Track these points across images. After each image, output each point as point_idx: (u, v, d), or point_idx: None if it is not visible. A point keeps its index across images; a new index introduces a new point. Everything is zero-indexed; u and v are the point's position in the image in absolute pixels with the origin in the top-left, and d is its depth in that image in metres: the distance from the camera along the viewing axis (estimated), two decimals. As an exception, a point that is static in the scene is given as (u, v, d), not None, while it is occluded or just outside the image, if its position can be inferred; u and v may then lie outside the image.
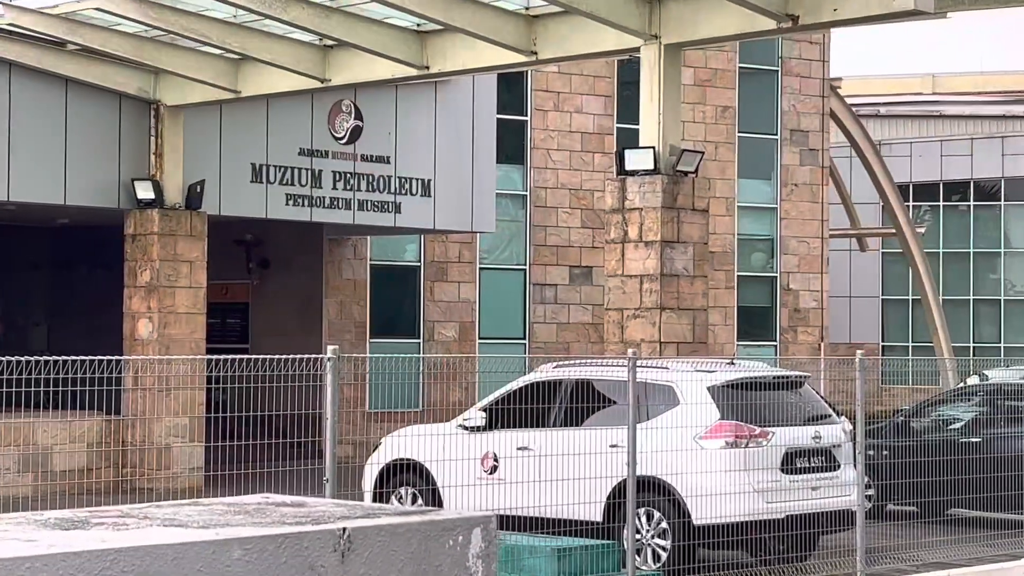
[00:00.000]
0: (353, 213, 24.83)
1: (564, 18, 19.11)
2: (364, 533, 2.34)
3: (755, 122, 31.70)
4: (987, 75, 47.14)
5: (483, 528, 2.43)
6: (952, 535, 17.29)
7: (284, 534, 2.21)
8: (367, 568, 2.48)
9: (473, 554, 2.40)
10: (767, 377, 16.73)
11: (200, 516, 2.52)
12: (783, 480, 15.25)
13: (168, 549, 2.18)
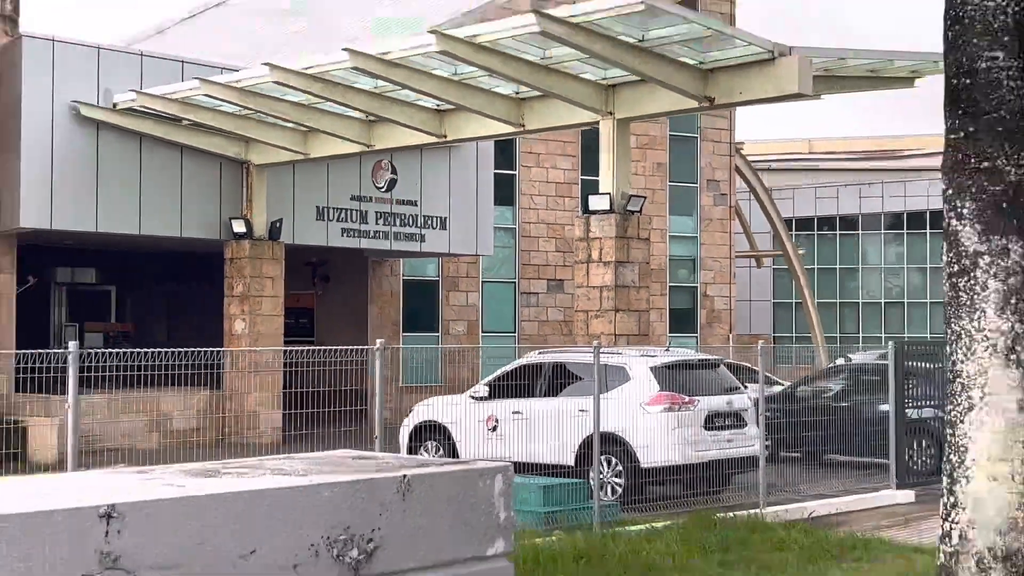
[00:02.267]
0: (390, 242, 25.59)
1: (545, 100, 19.76)
2: (419, 479, 2.25)
3: (681, 174, 32.30)
4: (848, 139, 48.64)
5: (503, 474, 2.45)
6: (828, 474, 17.44)
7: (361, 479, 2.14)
8: (421, 504, 2.33)
9: (496, 493, 2.39)
10: (693, 360, 17.49)
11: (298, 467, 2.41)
12: (705, 435, 15.46)
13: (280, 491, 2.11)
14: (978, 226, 5.34)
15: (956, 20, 5.44)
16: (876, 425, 17.32)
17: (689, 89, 17.99)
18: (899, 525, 13.73)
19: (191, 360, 20.01)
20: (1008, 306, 5.28)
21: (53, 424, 17.64)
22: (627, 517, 13.32)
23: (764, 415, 15.49)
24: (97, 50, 22.61)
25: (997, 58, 5.33)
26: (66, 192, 21.78)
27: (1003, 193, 5.30)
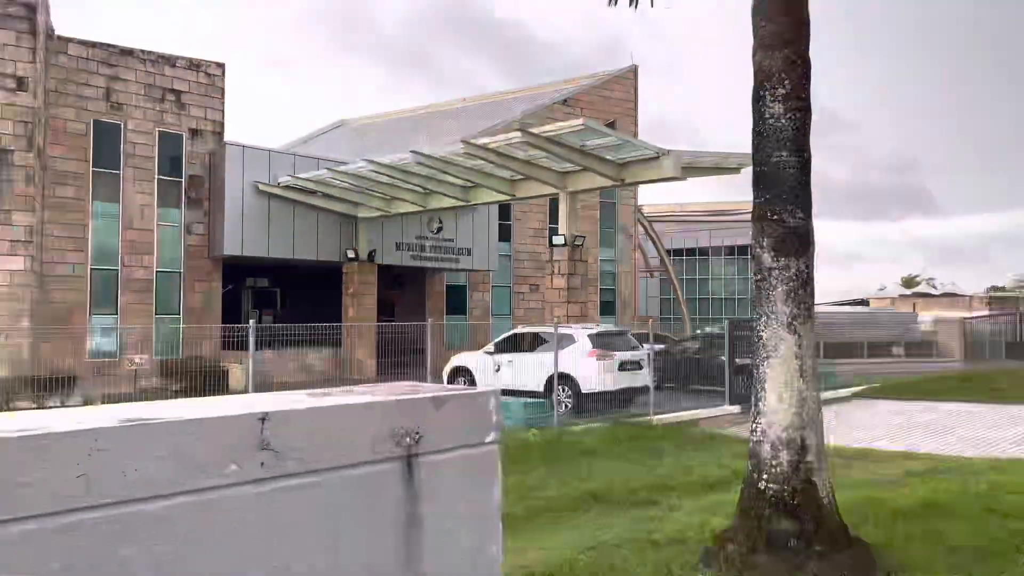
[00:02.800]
0: (438, 263, 25.73)
1: (527, 180, 19.36)
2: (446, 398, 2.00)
3: (606, 224, 32.69)
4: (704, 203, 48.84)
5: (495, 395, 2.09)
6: (691, 396, 17.29)
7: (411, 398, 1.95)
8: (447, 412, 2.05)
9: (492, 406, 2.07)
10: (612, 330, 17.13)
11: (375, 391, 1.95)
12: (619, 373, 15.15)
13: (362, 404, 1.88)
14: (772, 252, 5.39)
15: (759, 133, 5.49)
16: (718, 368, 16.92)
17: (610, 174, 17.93)
18: (731, 426, 13.54)
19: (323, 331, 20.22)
20: (789, 299, 5.33)
21: (243, 368, 17.97)
22: (574, 421, 13.22)
23: (653, 362, 15.46)
24: (268, 152, 22.94)
25: (783, 155, 5.38)
26: (250, 233, 21.75)
27: (785, 233, 5.36)
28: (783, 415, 5.22)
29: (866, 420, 14.11)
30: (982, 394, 17.52)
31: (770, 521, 5.07)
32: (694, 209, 47.89)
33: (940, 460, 9.41)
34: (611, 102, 32.35)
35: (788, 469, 5.15)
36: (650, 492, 7.69)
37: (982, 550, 5.53)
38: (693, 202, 49.15)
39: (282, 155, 23.51)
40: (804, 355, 5.28)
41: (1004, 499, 6.85)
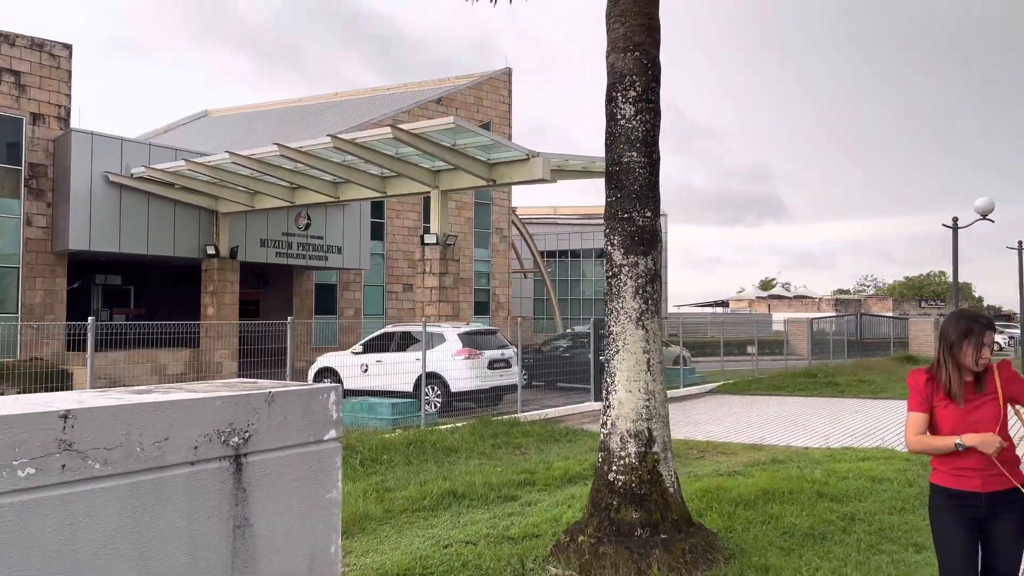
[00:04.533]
0: (306, 260, 24.94)
1: (398, 178, 19.04)
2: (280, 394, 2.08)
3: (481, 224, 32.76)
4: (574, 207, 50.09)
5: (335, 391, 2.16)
6: (559, 394, 17.48)
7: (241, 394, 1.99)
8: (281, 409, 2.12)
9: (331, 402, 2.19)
10: (481, 329, 16.73)
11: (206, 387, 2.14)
12: (488, 372, 15.10)
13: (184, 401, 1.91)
14: (621, 250, 5.54)
15: (611, 134, 5.63)
16: (584, 365, 17.18)
17: (481, 174, 17.84)
18: (594, 422, 13.77)
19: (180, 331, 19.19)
20: (638, 295, 5.49)
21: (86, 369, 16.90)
22: (442, 421, 13.02)
23: (521, 360, 15.55)
24: (121, 141, 21.65)
25: (633, 156, 5.53)
26: (99, 226, 20.39)
27: (634, 232, 5.52)
28: (631, 408, 5.38)
29: (721, 414, 14.82)
30: (824, 389, 18.83)
31: (618, 511, 5.21)
32: (567, 212, 48.96)
33: (783, 451, 9.98)
34: (486, 103, 32.54)
35: (636, 460, 5.30)
36: (511, 488, 7.75)
37: (813, 532, 5.90)
38: (567, 205, 50.26)
39: (136, 144, 22.19)
40: (651, 349, 5.46)
41: (836, 485, 7.35)
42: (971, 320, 3.24)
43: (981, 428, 3.13)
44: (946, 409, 3.22)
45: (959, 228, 18.60)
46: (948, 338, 3.23)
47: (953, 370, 3.23)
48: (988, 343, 3.20)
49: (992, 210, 18.12)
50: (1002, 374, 3.22)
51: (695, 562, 4.99)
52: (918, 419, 3.27)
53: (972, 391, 3.21)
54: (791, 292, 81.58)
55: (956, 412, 3.19)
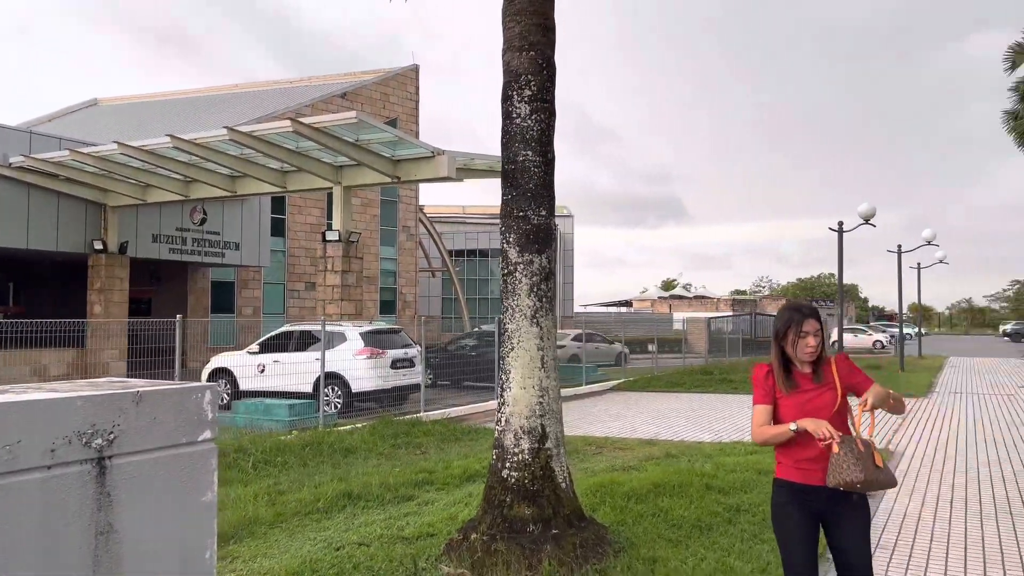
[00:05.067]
0: (202, 257, 24.02)
1: (299, 173, 18.68)
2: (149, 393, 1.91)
3: (388, 222, 32.49)
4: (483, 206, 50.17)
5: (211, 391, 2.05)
6: (464, 393, 17.57)
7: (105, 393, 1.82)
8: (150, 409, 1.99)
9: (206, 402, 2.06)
10: (384, 328, 16.44)
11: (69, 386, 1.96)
12: (391, 371, 14.79)
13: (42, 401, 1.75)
14: (517, 248, 5.57)
15: (507, 133, 5.65)
16: (491, 364, 17.16)
17: (385, 171, 17.55)
18: (498, 421, 14.01)
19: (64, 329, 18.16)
20: (533, 292, 5.54)
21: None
22: (342, 421, 12.78)
23: (425, 360, 15.45)
24: (0, 128, 20.33)
25: (528, 155, 5.58)
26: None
27: (530, 230, 5.56)
28: (525, 404, 5.42)
29: (621, 411, 15.13)
30: (719, 386, 19.51)
31: (511, 508, 5.24)
32: (476, 211, 48.96)
33: (677, 446, 10.28)
34: (392, 99, 32.20)
35: (529, 457, 5.35)
36: (408, 488, 7.68)
37: (701, 524, 6.10)
38: (476, 204, 50.29)
39: (16, 132, 20.85)
40: (546, 346, 5.52)
41: (724, 478, 7.62)
42: (793, 310, 3.26)
43: (818, 417, 3.12)
44: (786, 400, 3.22)
45: (844, 232, 19.62)
46: (776, 330, 3.26)
47: (779, 361, 3.24)
48: (810, 330, 3.19)
49: (873, 215, 19.20)
50: (839, 365, 3.24)
51: (586, 556, 5.07)
52: (761, 411, 3.26)
53: (810, 382, 3.22)
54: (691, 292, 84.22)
55: (795, 403, 3.20)
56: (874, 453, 3.11)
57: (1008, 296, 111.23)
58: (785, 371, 3.26)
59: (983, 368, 27.35)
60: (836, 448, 3.07)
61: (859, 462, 3.03)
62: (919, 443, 10.48)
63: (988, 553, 5.69)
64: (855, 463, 3.02)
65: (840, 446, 3.06)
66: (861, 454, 3.05)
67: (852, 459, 3.03)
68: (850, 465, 3.03)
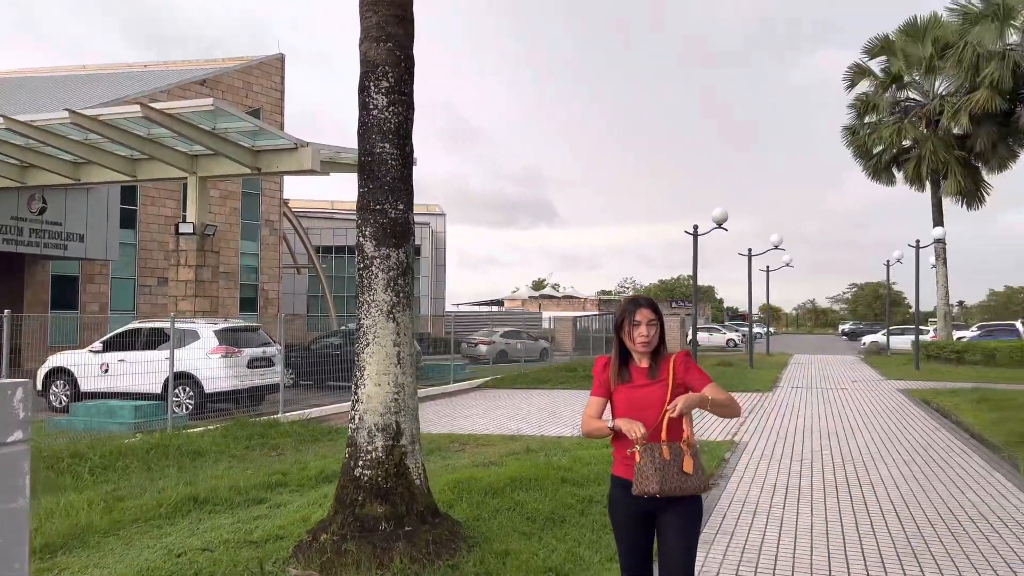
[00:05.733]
0: (41, 249, 22.30)
1: (151, 161, 17.79)
2: None
3: (249, 215, 31.33)
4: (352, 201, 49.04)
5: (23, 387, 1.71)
6: (328, 393, 17.24)
7: None
8: None
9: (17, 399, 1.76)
10: (240, 326, 15.77)
11: None
12: (248, 371, 14.37)
13: None
14: (373, 241, 5.49)
15: (364, 124, 5.56)
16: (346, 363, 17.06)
17: (244, 162, 16.95)
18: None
19: None
20: (389, 287, 5.47)
21: None
22: (193, 423, 12.18)
23: (285, 359, 14.97)
24: None
25: (386, 148, 5.51)
26: None
27: (387, 224, 5.49)
28: (380, 401, 5.35)
29: (487, 408, 15.24)
30: (583, 382, 20.02)
31: (363, 507, 5.16)
32: (345, 207, 47.92)
33: (538, 441, 10.46)
34: (255, 88, 31.03)
35: (383, 454, 5.28)
36: (260, 491, 7.41)
37: (554, 516, 6.23)
38: (345, 199, 49.30)
39: None
40: (402, 343, 5.47)
41: (579, 471, 7.82)
42: (628, 301, 3.24)
43: (647, 413, 3.05)
44: (617, 393, 3.17)
45: (699, 235, 20.63)
46: (615, 321, 3.27)
47: (617, 353, 3.21)
48: (642, 320, 3.14)
49: (726, 220, 20.28)
50: (677, 362, 3.16)
51: (438, 552, 5.06)
52: (592, 403, 3.22)
53: (645, 376, 3.15)
54: (560, 292, 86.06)
55: (627, 397, 3.14)
56: (684, 459, 3.01)
57: (847, 298, 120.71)
58: (622, 363, 3.21)
59: (823, 364, 29.43)
60: (638, 457, 2.99)
61: (657, 471, 2.94)
62: (761, 434, 11.15)
63: (815, 535, 6.12)
64: (653, 472, 2.95)
65: (642, 454, 2.98)
66: (664, 462, 2.97)
67: (651, 468, 2.95)
68: (648, 475, 2.96)
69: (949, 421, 12.96)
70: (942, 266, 32.55)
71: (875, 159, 33.91)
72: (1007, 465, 9.07)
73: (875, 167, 34.05)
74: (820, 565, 5.35)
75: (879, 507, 7.02)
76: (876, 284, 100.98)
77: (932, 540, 5.98)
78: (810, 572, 5.20)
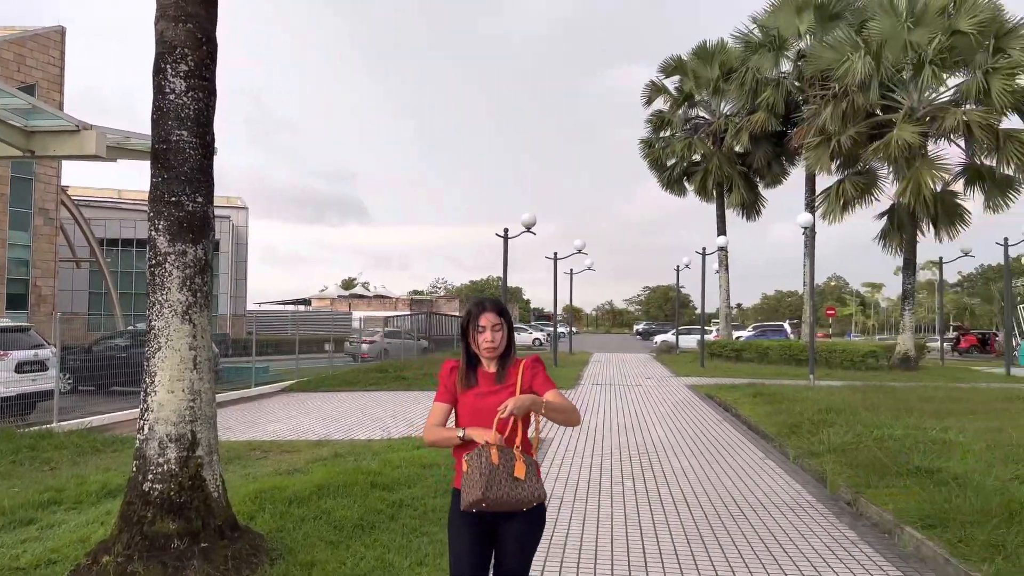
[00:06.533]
0: None
1: None
2: None
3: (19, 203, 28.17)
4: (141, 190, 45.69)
5: None
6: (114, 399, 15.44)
7: None
8: None
9: None
10: (9, 325, 14.33)
11: None
12: (16, 377, 12.97)
13: None
14: (168, 236, 5.08)
15: (159, 109, 5.13)
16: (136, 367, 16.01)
17: (15, 143, 15.12)
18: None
19: None
20: (185, 286, 5.10)
21: None
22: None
23: (65, 362, 13.87)
24: None
25: (183, 135, 5.12)
26: None
27: (183, 217, 5.10)
28: (173, 410, 4.96)
29: (292, 412, 14.67)
30: (393, 383, 19.85)
31: (153, 524, 4.76)
32: (133, 197, 44.18)
33: (346, 445, 10.20)
34: (30, 62, 27.91)
35: (176, 467, 4.90)
36: (29, 511, 6.64)
37: (363, 522, 6.08)
38: (134, 189, 45.36)
39: None
40: (199, 346, 5.10)
41: (389, 474, 7.71)
42: (473, 304, 3.14)
43: (491, 421, 2.91)
44: (462, 399, 3.06)
45: (509, 238, 21.12)
46: (461, 325, 3.19)
47: (464, 357, 3.12)
48: (487, 324, 3.06)
49: (534, 223, 20.92)
50: (526, 367, 3.08)
51: (238, 568, 4.77)
52: (437, 410, 3.11)
53: (492, 382, 3.06)
54: (371, 292, 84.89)
55: (472, 403, 3.03)
56: (516, 464, 2.86)
57: (641, 300, 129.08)
58: (469, 368, 3.11)
59: (620, 362, 31.22)
60: (465, 466, 2.86)
61: (483, 477, 2.78)
62: (565, 431, 11.59)
63: (615, 526, 6.44)
64: (479, 479, 2.79)
65: (468, 462, 2.85)
66: (492, 467, 2.80)
67: (477, 474, 2.80)
68: (474, 481, 2.80)
69: (731, 414, 14.18)
70: (724, 271, 35.63)
71: (668, 171, 36.48)
72: (778, 454, 10.06)
73: (668, 179, 36.63)
74: (620, 556, 5.63)
75: (671, 497, 7.52)
76: (667, 287, 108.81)
77: (717, 526, 6.48)
78: (611, 562, 5.46)
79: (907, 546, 5.83)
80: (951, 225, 25.65)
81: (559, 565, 5.37)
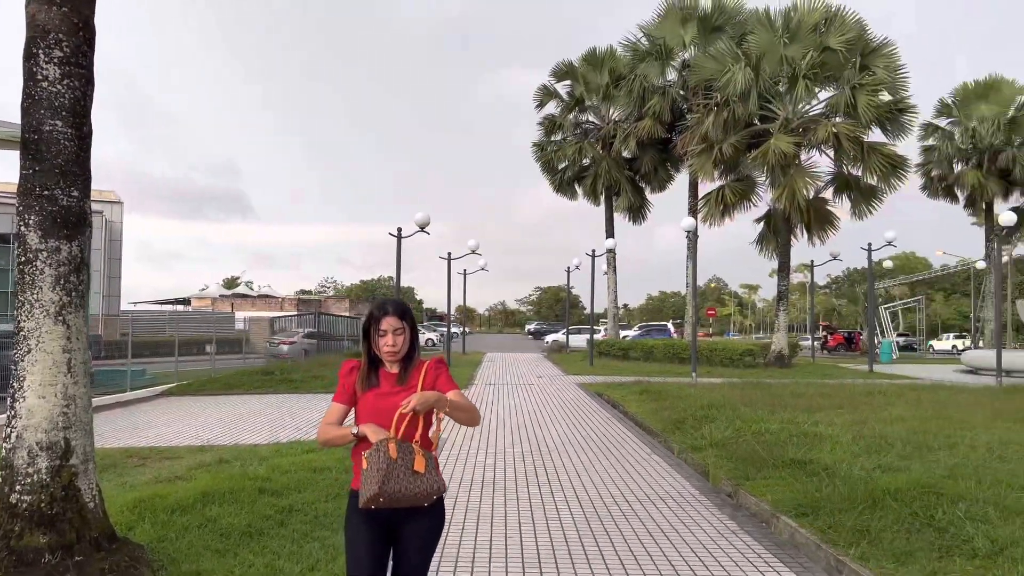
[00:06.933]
0: None
1: None
2: None
3: None
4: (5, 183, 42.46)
5: None
6: None
7: None
8: None
9: None
10: None
11: None
12: None
13: None
14: (40, 232, 4.79)
15: (30, 97, 4.82)
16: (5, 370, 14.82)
17: None
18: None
19: None
20: (59, 285, 4.82)
21: None
22: None
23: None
24: None
25: (57, 125, 4.83)
26: None
27: (57, 212, 4.82)
28: (44, 416, 4.68)
29: (171, 417, 14.05)
30: (280, 386, 19.31)
31: (21, 538, 4.47)
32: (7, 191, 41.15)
33: (231, 450, 9.87)
34: None
35: (47, 477, 4.63)
36: None
37: (251, 529, 5.90)
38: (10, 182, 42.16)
39: None
40: (74, 348, 4.84)
41: (278, 480, 7.52)
42: (376, 306, 3.13)
43: (391, 420, 2.89)
44: (362, 400, 3.05)
45: (403, 238, 20.97)
46: (363, 326, 3.18)
47: (366, 358, 3.11)
48: (388, 328, 3.04)
49: (428, 223, 20.86)
50: (429, 368, 3.08)
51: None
52: (333, 410, 3.08)
53: (393, 383, 3.05)
54: (256, 291, 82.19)
55: (372, 404, 3.02)
56: (416, 458, 2.85)
57: (533, 300, 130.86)
58: (371, 368, 3.10)
59: (513, 362, 31.55)
60: (364, 463, 2.83)
61: (380, 472, 2.77)
62: (460, 430, 11.61)
63: (509, 524, 6.53)
64: (376, 473, 2.77)
65: (367, 458, 2.83)
66: (391, 461, 2.79)
67: (375, 471, 2.78)
68: (372, 476, 2.78)
69: (619, 411, 14.59)
70: (612, 273, 36.62)
71: (559, 174, 37.16)
72: (663, 449, 10.45)
73: (559, 182, 37.30)
74: (513, 553, 5.71)
75: (563, 493, 7.68)
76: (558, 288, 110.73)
77: (607, 520, 6.68)
78: (504, 559, 5.53)
79: (782, 534, 6.19)
80: (822, 230, 27.32)
81: (454, 564, 5.40)
